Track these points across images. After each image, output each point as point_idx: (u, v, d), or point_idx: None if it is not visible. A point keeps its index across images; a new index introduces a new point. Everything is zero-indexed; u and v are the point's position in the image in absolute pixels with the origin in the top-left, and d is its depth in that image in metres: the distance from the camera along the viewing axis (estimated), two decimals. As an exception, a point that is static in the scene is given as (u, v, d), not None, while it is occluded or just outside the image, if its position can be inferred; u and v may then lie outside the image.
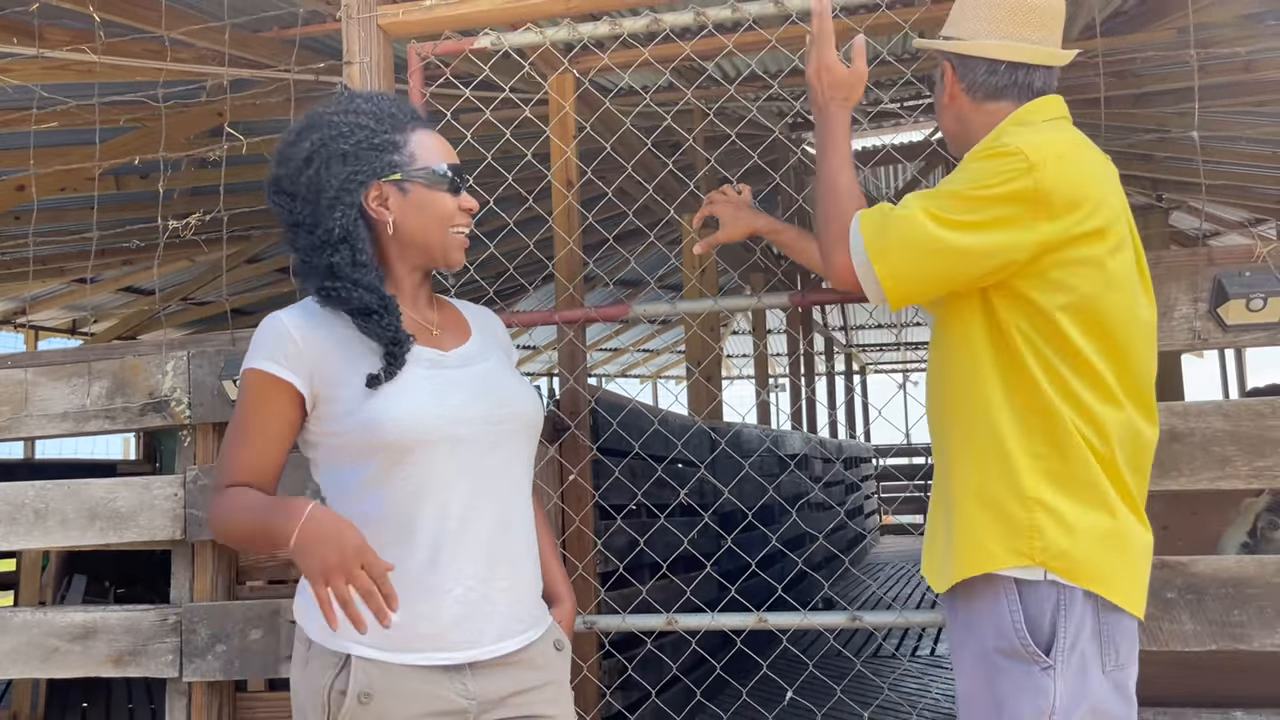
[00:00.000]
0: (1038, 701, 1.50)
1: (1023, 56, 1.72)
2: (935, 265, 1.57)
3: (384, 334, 1.52)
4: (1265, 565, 1.94)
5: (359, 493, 1.52)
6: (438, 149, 1.62)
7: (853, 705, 3.65)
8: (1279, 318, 1.94)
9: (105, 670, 2.35)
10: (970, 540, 1.57)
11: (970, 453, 1.61)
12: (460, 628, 1.50)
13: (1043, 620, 1.52)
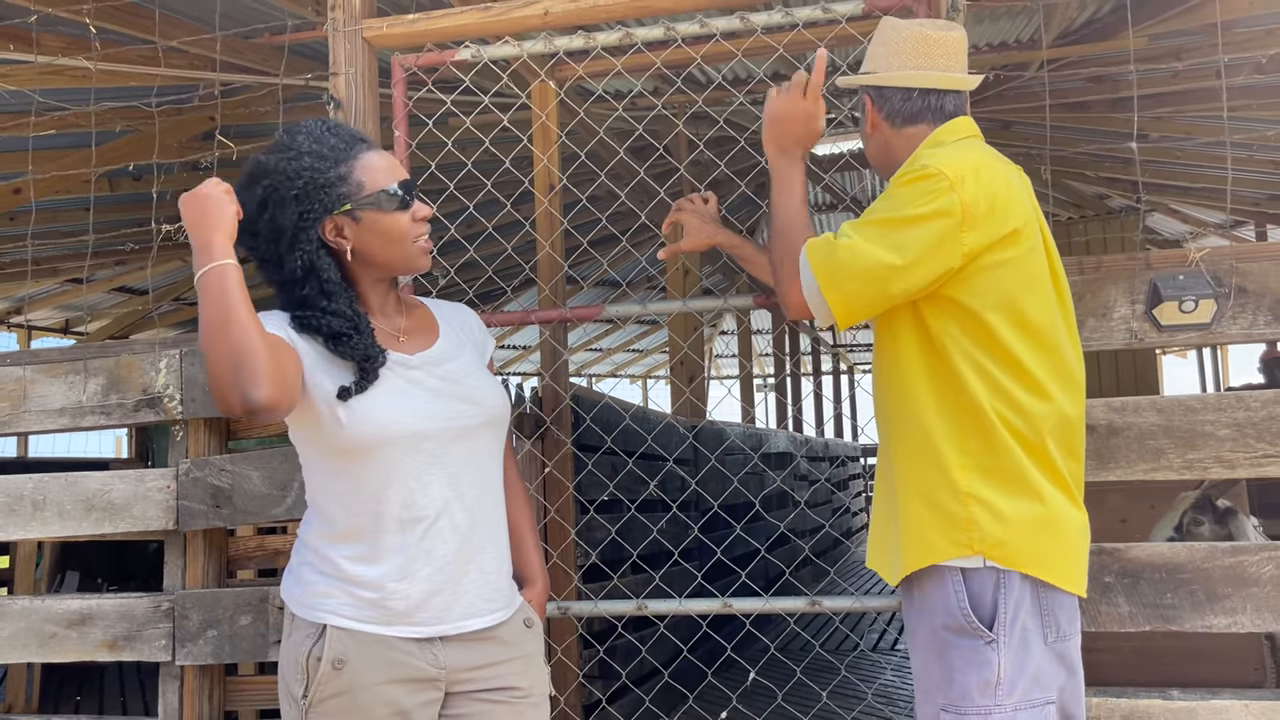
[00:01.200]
0: (983, 673, 1.63)
1: (930, 82, 1.86)
2: (880, 288, 1.69)
3: (355, 353, 1.64)
4: (1196, 551, 2.05)
5: (333, 481, 1.65)
6: (385, 169, 1.70)
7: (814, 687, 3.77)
8: (1209, 318, 2.06)
9: (101, 655, 2.46)
10: (915, 535, 1.71)
11: (909, 453, 1.74)
12: (429, 605, 1.63)
13: (985, 599, 1.65)
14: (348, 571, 1.63)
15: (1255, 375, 8.02)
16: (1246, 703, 2.01)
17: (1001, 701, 1.62)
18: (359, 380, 1.63)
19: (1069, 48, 5.58)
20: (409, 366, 1.70)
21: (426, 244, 1.73)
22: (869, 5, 2.29)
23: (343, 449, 1.62)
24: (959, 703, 1.64)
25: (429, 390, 1.69)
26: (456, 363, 1.76)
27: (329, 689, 1.58)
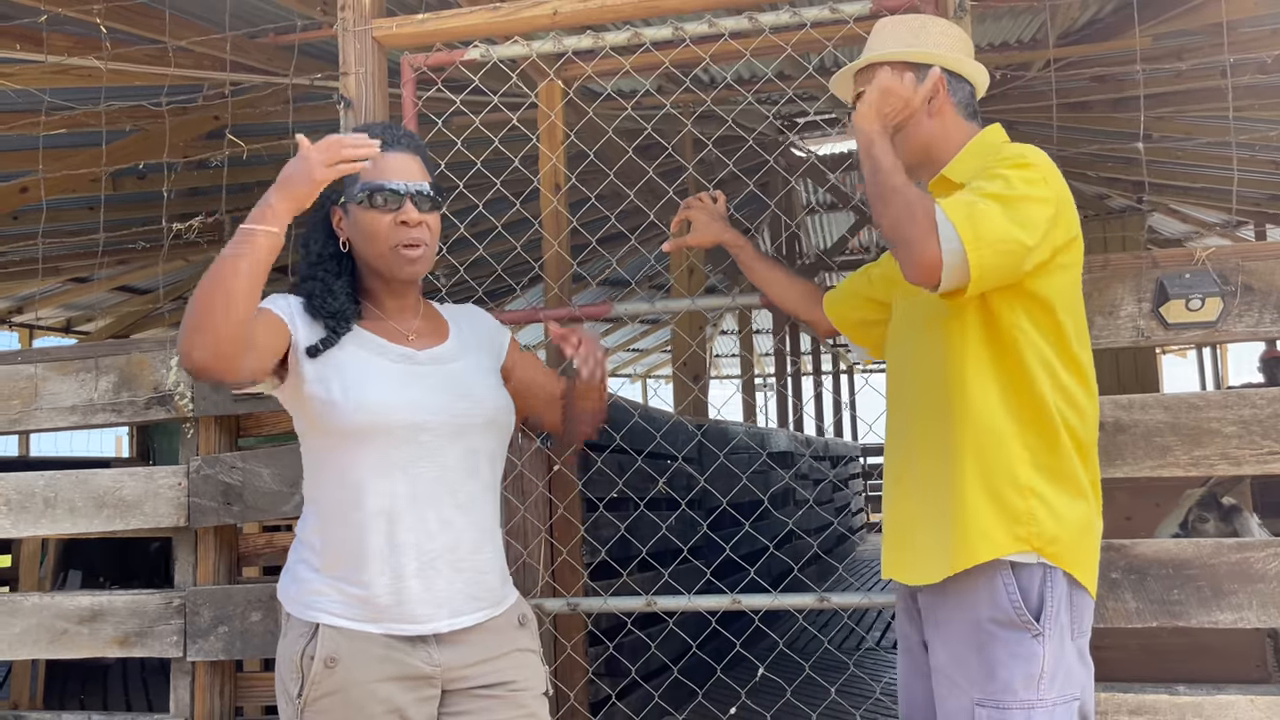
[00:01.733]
0: (1029, 666, 1.63)
1: (983, 85, 1.88)
2: (1014, 262, 1.62)
3: (322, 310, 1.69)
4: (1202, 547, 2.07)
5: (328, 465, 1.68)
6: (391, 169, 1.71)
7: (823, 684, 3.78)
8: (1215, 316, 2.08)
9: (112, 651, 2.47)
10: (976, 529, 1.66)
11: (971, 446, 1.68)
12: (418, 602, 1.64)
13: (1032, 593, 1.65)
14: (338, 569, 1.64)
15: (1255, 375, 8.04)
16: (1252, 698, 2.03)
17: (1044, 695, 1.62)
18: (325, 337, 1.66)
19: (1071, 48, 5.59)
20: (414, 362, 1.73)
21: (412, 251, 1.72)
22: (876, 5, 2.30)
23: (338, 430, 1.63)
24: (1001, 696, 1.62)
25: (430, 385, 1.71)
26: (462, 362, 1.79)
27: (323, 687, 1.59)
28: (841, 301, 2.15)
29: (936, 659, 1.73)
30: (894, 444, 1.85)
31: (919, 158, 1.85)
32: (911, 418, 1.80)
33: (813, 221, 10.49)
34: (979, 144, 1.83)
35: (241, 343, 1.54)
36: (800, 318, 2.24)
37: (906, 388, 1.84)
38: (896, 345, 1.90)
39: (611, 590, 3.39)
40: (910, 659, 1.87)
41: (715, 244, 2.25)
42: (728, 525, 5.26)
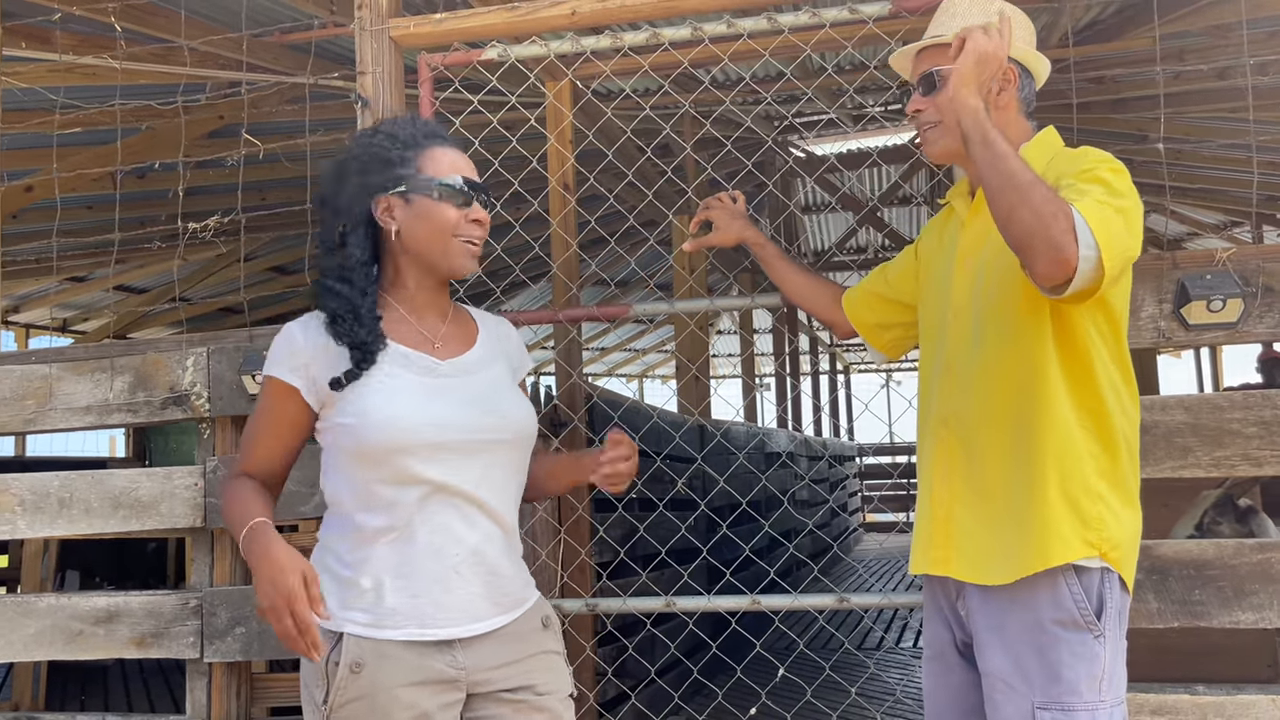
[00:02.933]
0: (1093, 667, 1.62)
1: (1042, 81, 1.84)
2: (1123, 267, 1.60)
3: (345, 338, 1.66)
4: (1224, 548, 2.08)
5: (352, 481, 1.66)
6: (450, 163, 1.72)
7: (844, 685, 3.79)
8: (1236, 317, 2.09)
9: (128, 652, 2.46)
10: (1055, 532, 1.64)
11: (1052, 452, 1.66)
12: (441, 608, 1.64)
13: (1092, 594, 1.65)
14: (362, 576, 1.64)
15: (1251, 375, 8.07)
16: (1273, 697, 2.04)
17: (1104, 696, 1.62)
18: (350, 370, 1.65)
19: (1075, 49, 5.61)
20: (436, 374, 1.70)
21: (474, 248, 1.73)
22: (896, 6, 2.30)
23: (358, 450, 1.63)
24: (1066, 698, 1.61)
25: (455, 400, 1.69)
26: (488, 374, 1.76)
27: (348, 693, 1.58)
28: (859, 302, 2.13)
29: (991, 663, 1.69)
30: (943, 441, 1.79)
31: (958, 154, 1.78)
32: (974, 417, 1.74)
33: (811, 221, 10.51)
34: (1043, 144, 1.80)
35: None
36: (820, 318, 2.23)
37: (965, 386, 1.76)
38: (938, 342, 1.85)
39: (630, 592, 3.39)
40: (941, 663, 1.84)
41: (737, 243, 2.24)
42: (729, 524, 5.26)
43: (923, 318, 1.95)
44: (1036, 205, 1.51)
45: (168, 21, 3.97)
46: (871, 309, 2.12)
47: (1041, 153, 1.78)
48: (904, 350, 2.13)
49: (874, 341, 2.15)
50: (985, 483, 1.73)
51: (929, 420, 1.84)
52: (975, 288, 1.78)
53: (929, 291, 1.93)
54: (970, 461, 1.75)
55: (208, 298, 9.18)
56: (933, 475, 1.81)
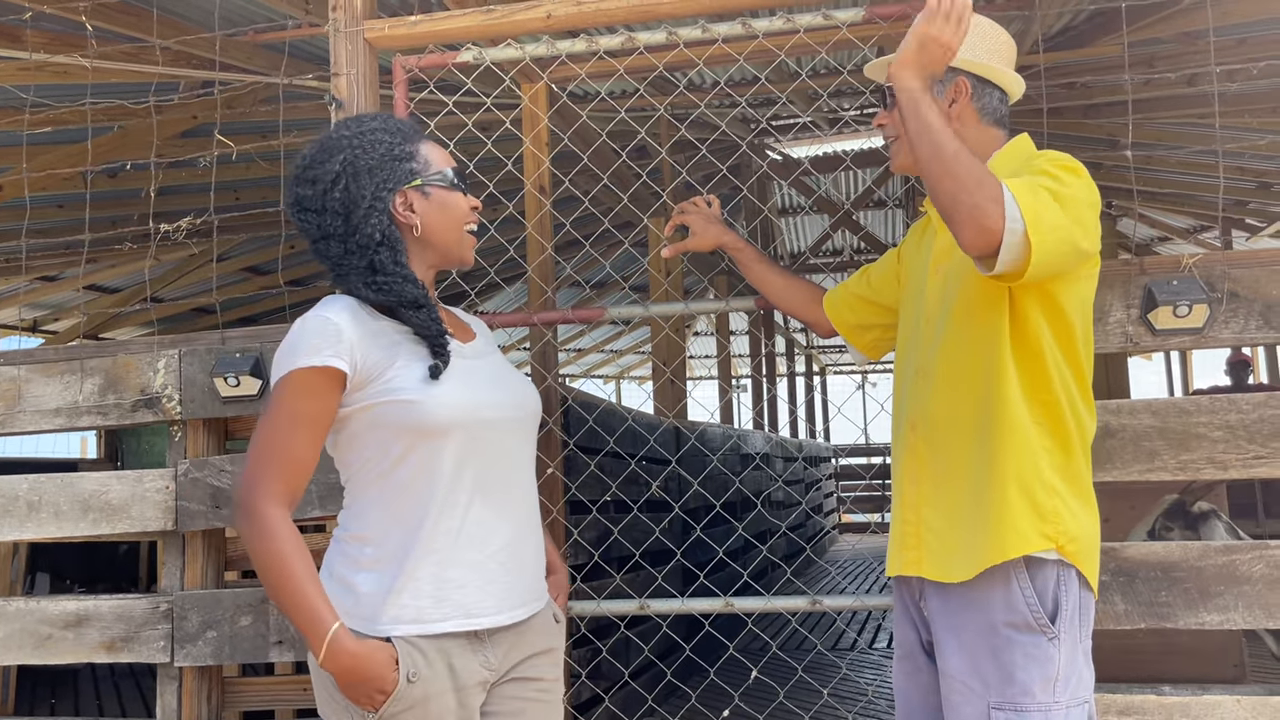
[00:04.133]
0: (1046, 669, 1.64)
1: (1018, 94, 1.86)
2: (1067, 257, 1.60)
3: (432, 326, 1.67)
4: (1189, 550, 2.11)
5: (391, 466, 1.63)
6: (443, 156, 1.78)
7: (815, 686, 3.81)
8: (1202, 323, 2.12)
9: (98, 656, 2.44)
10: (1009, 525, 1.66)
11: (1009, 447, 1.68)
12: (487, 594, 1.63)
13: (1047, 595, 1.67)
14: (404, 567, 1.59)
15: (1220, 378, 8.17)
16: (1238, 698, 2.07)
17: (1059, 698, 1.64)
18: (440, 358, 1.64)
19: (1047, 55, 5.66)
20: (463, 355, 1.72)
21: (472, 237, 1.78)
22: (870, 12, 2.32)
23: (417, 428, 1.60)
24: (1019, 700, 1.63)
25: (484, 379, 1.72)
26: (495, 357, 1.81)
27: (404, 702, 1.56)
28: (841, 303, 2.16)
29: (948, 664, 1.72)
30: (912, 445, 1.81)
31: None
32: (939, 419, 1.77)
33: (788, 223, 10.54)
34: (1014, 151, 1.82)
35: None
36: (800, 318, 2.25)
37: (930, 389, 1.79)
38: (911, 347, 1.87)
39: (604, 595, 3.39)
40: (911, 663, 1.87)
41: (715, 247, 2.25)
42: (705, 527, 5.27)
43: (900, 322, 1.98)
44: (961, 173, 1.54)
45: (139, 20, 3.94)
46: (853, 309, 2.14)
47: (1013, 158, 1.80)
48: (884, 351, 2.16)
49: (855, 342, 2.17)
50: (950, 482, 1.75)
51: (901, 424, 1.87)
52: (944, 294, 1.80)
53: (906, 297, 1.97)
54: (936, 462, 1.77)
55: (181, 298, 9.10)
56: (903, 478, 1.83)
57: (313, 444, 1.61)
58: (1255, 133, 6.64)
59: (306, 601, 1.53)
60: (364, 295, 1.68)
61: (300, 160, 1.74)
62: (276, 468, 1.58)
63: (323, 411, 1.61)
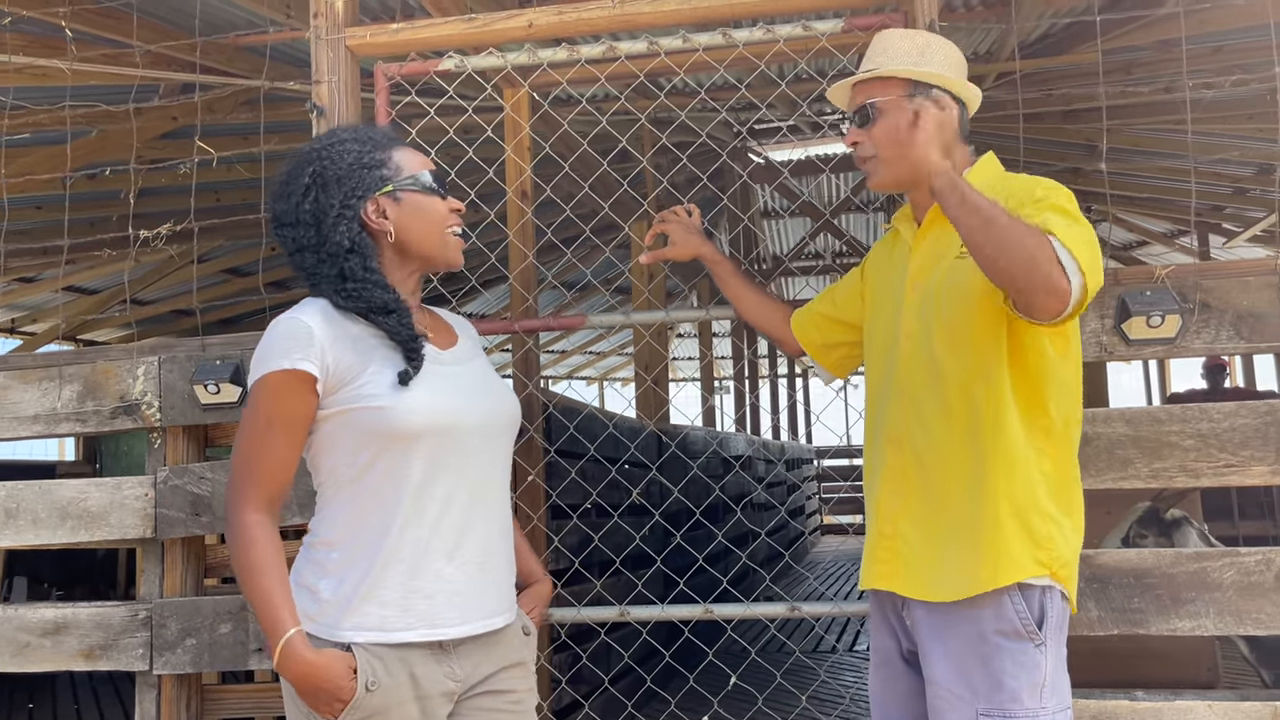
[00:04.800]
0: (1034, 675, 1.67)
1: (975, 106, 1.89)
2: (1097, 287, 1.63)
3: (403, 331, 1.66)
4: (1162, 557, 2.13)
5: (359, 472, 1.63)
6: (420, 161, 1.77)
7: (794, 692, 3.82)
8: (1175, 333, 2.14)
9: (76, 664, 2.43)
10: (1005, 552, 1.68)
11: (1003, 471, 1.70)
12: (453, 605, 1.63)
13: (1034, 605, 1.69)
14: (372, 576, 1.60)
15: (1198, 381, 8.26)
16: (1209, 703, 2.10)
17: (1045, 704, 1.66)
18: (412, 363, 1.64)
19: (1026, 61, 5.71)
20: (440, 361, 1.72)
21: (460, 239, 1.76)
22: (848, 24, 2.34)
23: (389, 434, 1.60)
24: (1008, 706, 1.65)
25: (462, 385, 1.71)
26: (477, 363, 1.80)
27: (362, 711, 1.56)
28: (807, 322, 2.17)
29: (935, 673, 1.73)
30: (894, 463, 1.81)
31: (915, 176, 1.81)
32: (929, 442, 1.77)
33: (770, 226, 10.58)
34: (986, 170, 1.85)
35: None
36: (770, 336, 2.26)
37: (916, 411, 1.79)
38: (889, 363, 1.87)
39: (584, 601, 3.40)
40: (889, 670, 1.87)
41: (693, 257, 2.27)
42: (686, 530, 5.28)
43: (870, 337, 1.98)
44: (1020, 247, 1.54)
45: (119, 23, 3.92)
46: (819, 329, 2.15)
47: (984, 177, 1.82)
48: (850, 369, 2.17)
49: (821, 360, 2.18)
50: (938, 503, 1.76)
51: (878, 439, 1.86)
52: (925, 312, 1.80)
53: (878, 313, 1.96)
54: (924, 481, 1.77)
55: (160, 299, 9.05)
56: (880, 493, 1.83)
57: (289, 446, 1.63)
58: (1230, 139, 6.72)
59: (269, 606, 1.56)
60: (335, 302, 1.69)
61: (276, 177, 1.76)
62: (254, 473, 1.61)
63: (297, 414, 1.62)
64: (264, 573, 1.57)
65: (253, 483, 1.61)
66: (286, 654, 1.53)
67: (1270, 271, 2.16)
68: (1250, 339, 2.15)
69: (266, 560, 1.58)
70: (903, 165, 1.78)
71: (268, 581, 1.56)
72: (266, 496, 1.61)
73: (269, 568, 1.57)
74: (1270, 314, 2.14)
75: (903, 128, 1.76)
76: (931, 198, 1.78)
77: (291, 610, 1.56)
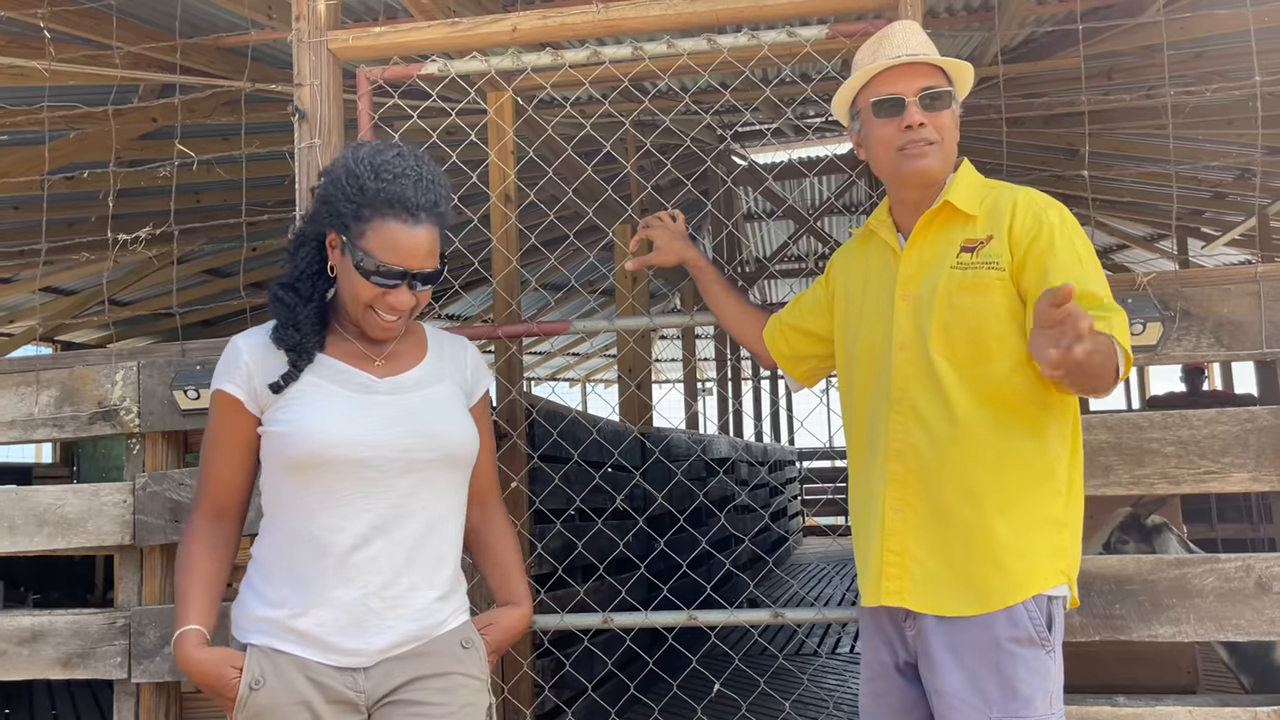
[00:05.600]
0: (1046, 682, 1.68)
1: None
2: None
3: (282, 341, 1.69)
4: (1143, 564, 2.14)
5: (280, 490, 1.68)
6: (395, 247, 1.63)
7: (777, 698, 3.82)
8: (1156, 340, 2.15)
9: (53, 672, 2.40)
10: (1028, 565, 1.69)
11: (1025, 488, 1.71)
12: (350, 637, 1.63)
13: (1044, 612, 1.71)
14: (279, 594, 1.65)
15: (1176, 383, 8.32)
16: (1190, 709, 2.11)
17: (1055, 709, 1.68)
18: (285, 374, 1.67)
19: (1008, 66, 5.74)
20: (372, 391, 1.70)
21: (388, 324, 1.68)
22: (833, 31, 2.34)
23: (283, 461, 1.65)
24: (1023, 713, 1.64)
25: (385, 418, 1.68)
26: (426, 393, 1.74)
27: (249, 710, 1.61)
28: (777, 334, 2.16)
29: (945, 683, 1.70)
30: (897, 476, 1.78)
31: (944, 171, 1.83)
32: (936, 449, 1.74)
33: (752, 228, 10.60)
34: (972, 179, 1.84)
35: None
36: (747, 348, 2.27)
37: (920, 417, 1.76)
38: (880, 373, 1.84)
39: (569, 607, 3.39)
40: (883, 684, 1.84)
41: (677, 263, 2.26)
42: (670, 533, 5.28)
43: (852, 346, 1.93)
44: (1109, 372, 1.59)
45: (98, 23, 3.88)
46: (788, 341, 2.14)
47: (970, 187, 1.82)
48: (819, 378, 2.17)
49: (791, 371, 2.18)
50: (950, 517, 1.73)
51: (874, 453, 1.83)
52: (922, 321, 1.77)
53: (859, 322, 1.91)
54: (930, 494, 1.75)
55: (139, 300, 8.98)
56: (885, 507, 1.78)
57: (228, 461, 1.72)
58: (1210, 144, 6.78)
59: (180, 602, 1.67)
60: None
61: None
62: (202, 484, 1.74)
63: (234, 432, 1.71)
64: (185, 573, 1.68)
65: (201, 493, 1.73)
66: (176, 648, 1.65)
67: (1250, 279, 2.17)
68: (1230, 347, 2.16)
69: (191, 562, 1.68)
70: (949, 159, 1.81)
71: (185, 581, 1.68)
72: (213, 507, 1.73)
73: (191, 569, 1.68)
74: (1250, 321, 2.15)
75: (954, 122, 1.81)
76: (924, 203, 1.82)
77: (199, 609, 1.66)
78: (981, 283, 1.72)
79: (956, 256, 1.75)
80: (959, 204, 1.79)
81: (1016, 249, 1.73)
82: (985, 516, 1.71)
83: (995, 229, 1.76)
